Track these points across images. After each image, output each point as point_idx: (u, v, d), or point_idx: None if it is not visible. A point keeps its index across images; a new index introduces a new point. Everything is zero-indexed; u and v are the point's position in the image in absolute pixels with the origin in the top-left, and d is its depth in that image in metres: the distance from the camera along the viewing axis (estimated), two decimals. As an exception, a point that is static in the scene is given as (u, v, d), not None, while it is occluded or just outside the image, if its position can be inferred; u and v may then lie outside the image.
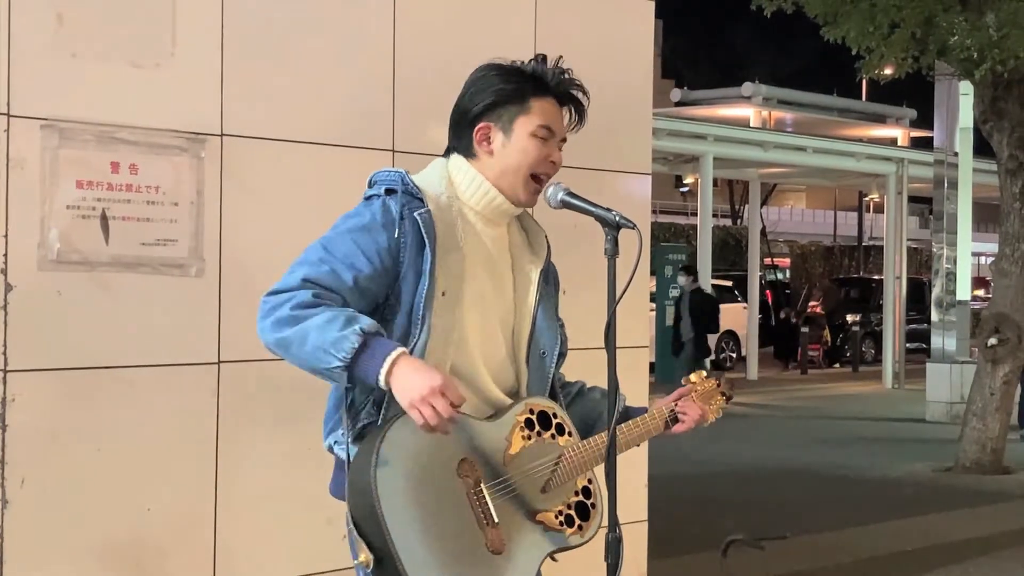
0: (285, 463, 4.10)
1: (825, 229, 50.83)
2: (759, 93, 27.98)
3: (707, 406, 3.07)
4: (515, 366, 2.89)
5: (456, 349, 2.75)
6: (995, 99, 11.40)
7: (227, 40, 4.03)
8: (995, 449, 11.18)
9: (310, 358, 2.58)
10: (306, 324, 2.57)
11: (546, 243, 2.97)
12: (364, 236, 2.69)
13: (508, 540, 2.66)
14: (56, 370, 3.69)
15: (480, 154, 2.82)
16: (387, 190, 2.74)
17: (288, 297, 2.62)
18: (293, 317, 2.59)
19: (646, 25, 5.32)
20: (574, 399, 3.05)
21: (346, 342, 2.54)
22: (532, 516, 2.73)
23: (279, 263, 4.14)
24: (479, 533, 2.63)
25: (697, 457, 11.18)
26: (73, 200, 3.70)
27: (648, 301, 6.35)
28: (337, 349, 2.54)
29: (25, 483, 3.62)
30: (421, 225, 2.70)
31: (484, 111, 2.80)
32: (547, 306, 2.93)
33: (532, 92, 2.81)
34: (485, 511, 2.64)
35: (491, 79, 2.82)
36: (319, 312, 2.59)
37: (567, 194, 2.82)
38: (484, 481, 2.65)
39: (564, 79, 2.85)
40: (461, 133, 2.84)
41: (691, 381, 3.11)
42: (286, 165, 4.19)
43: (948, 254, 16.43)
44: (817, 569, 7.19)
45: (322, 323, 2.57)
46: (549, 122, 2.82)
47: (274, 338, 2.61)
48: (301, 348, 2.58)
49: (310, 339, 2.56)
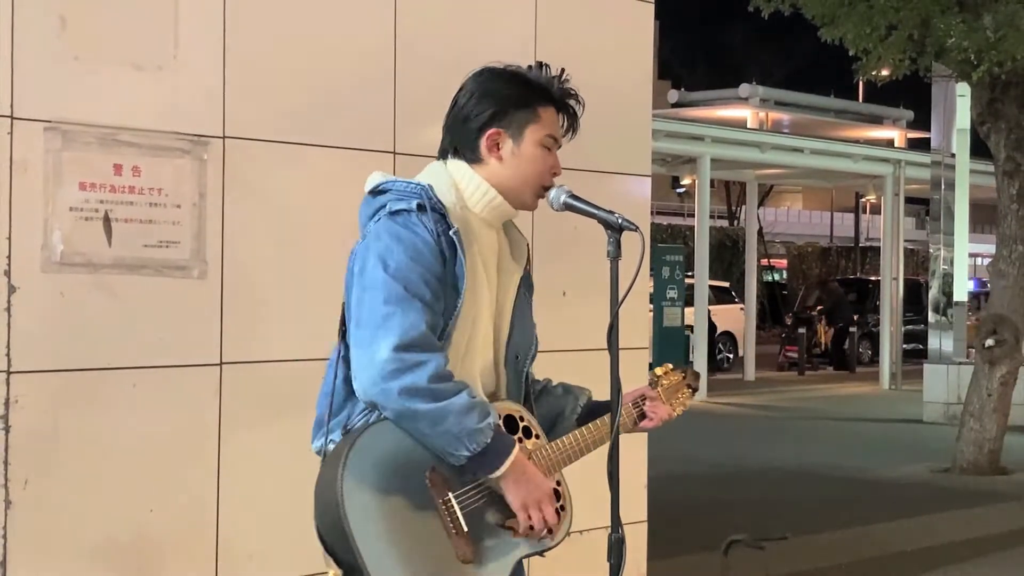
0: (286, 464, 4.10)
1: (822, 230, 50.86)
2: (756, 94, 28.00)
3: (673, 400, 3.09)
4: (496, 369, 2.88)
5: (463, 358, 2.76)
6: (992, 101, 11.41)
7: (229, 43, 4.04)
8: (992, 450, 11.19)
9: (438, 438, 2.58)
10: (446, 405, 2.56)
11: (527, 252, 2.95)
12: (425, 262, 2.65)
13: (478, 548, 2.65)
14: (59, 371, 3.70)
15: (489, 160, 2.81)
16: (419, 206, 2.70)
17: (419, 361, 2.56)
18: (431, 391, 2.56)
19: (645, 26, 5.33)
20: (539, 396, 3.03)
21: (481, 436, 2.59)
22: (502, 522, 2.71)
23: (281, 265, 4.18)
24: (448, 543, 2.62)
25: (696, 458, 11.19)
26: (76, 202, 3.71)
27: (647, 303, 6.36)
28: (471, 441, 2.58)
29: (28, 484, 3.63)
30: (458, 244, 2.69)
31: (492, 118, 2.79)
32: (523, 310, 2.92)
33: (537, 100, 2.81)
34: (454, 520, 2.63)
35: (497, 84, 2.81)
36: (455, 392, 2.58)
37: (570, 196, 2.83)
38: (452, 490, 2.64)
39: (565, 88, 2.86)
40: (464, 138, 2.82)
41: (656, 375, 3.11)
42: (288, 167, 4.20)
43: (945, 255, 16.44)
44: (816, 569, 7.20)
45: (461, 409, 2.57)
46: (554, 131, 2.84)
47: (403, 407, 2.56)
48: (434, 427, 2.57)
49: (447, 423, 2.56)
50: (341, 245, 3.00)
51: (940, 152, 16.63)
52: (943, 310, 16.41)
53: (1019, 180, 11.40)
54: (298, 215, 4.22)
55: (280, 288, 4.17)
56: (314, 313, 3.97)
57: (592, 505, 3.17)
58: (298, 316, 4.15)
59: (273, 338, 4.16)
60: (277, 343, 4.16)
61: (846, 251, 42.82)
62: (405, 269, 2.62)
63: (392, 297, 2.59)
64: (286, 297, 4.17)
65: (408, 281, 2.61)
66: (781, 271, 38.18)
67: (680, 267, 20.79)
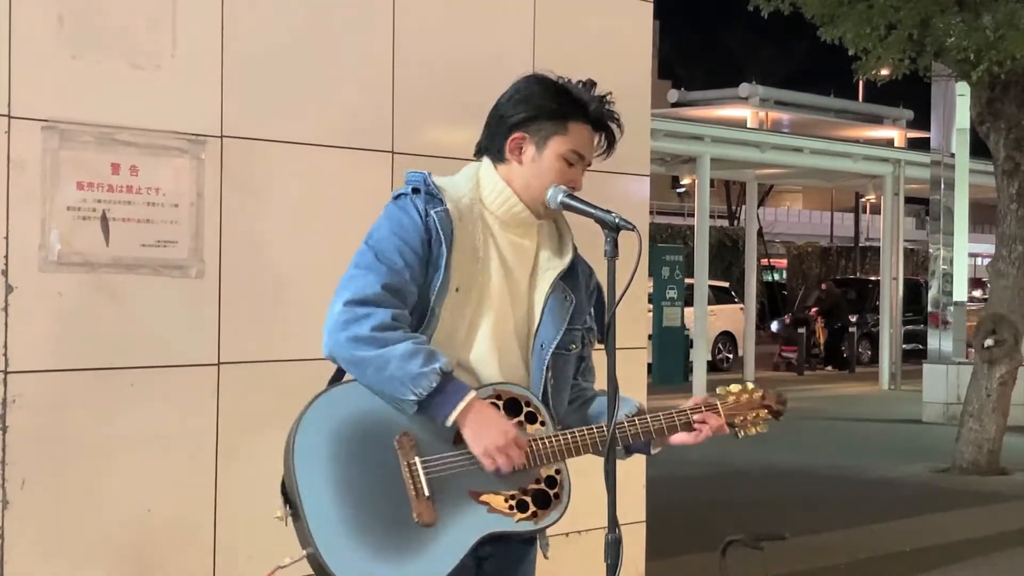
0: (285, 464, 4.10)
1: (822, 230, 50.86)
2: (756, 94, 27.99)
3: (738, 419, 2.96)
4: (526, 362, 2.89)
5: (463, 346, 2.79)
6: (992, 100, 11.40)
7: (227, 42, 4.04)
8: (992, 450, 11.18)
9: (385, 385, 2.66)
10: (387, 352, 2.65)
11: (572, 247, 2.97)
12: (407, 236, 2.76)
13: (442, 514, 2.68)
14: (57, 371, 3.70)
15: (511, 161, 2.87)
16: (413, 189, 2.82)
17: (366, 313, 2.68)
18: (373, 339, 2.66)
19: (644, 26, 5.33)
20: (586, 402, 3.03)
21: (425, 380, 2.65)
22: (476, 496, 2.73)
23: (279, 264, 4.18)
24: (407, 504, 2.66)
25: (695, 458, 11.15)
26: (74, 201, 3.71)
27: (646, 302, 6.36)
28: (415, 385, 2.64)
29: (26, 484, 3.63)
30: (438, 222, 2.77)
31: (522, 122, 2.85)
32: (559, 305, 2.91)
33: (572, 115, 2.86)
34: (416, 483, 2.67)
35: (536, 92, 2.87)
36: (399, 340, 2.67)
37: (567, 195, 2.84)
38: (421, 455, 2.69)
39: (605, 110, 2.91)
40: (495, 136, 2.89)
41: (726, 390, 2.99)
42: (286, 166, 4.20)
43: (945, 255, 16.44)
44: (815, 569, 7.20)
45: (404, 354, 2.65)
46: (581, 148, 2.87)
47: (350, 355, 2.68)
48: (379, 373, 2.66)
49: (390, 368, 2.65)
50: (339, 243, 3.01)
51: (940, 152, 16.63)
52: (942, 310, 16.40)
53: (1019, 180, 11.39)
54: (296, 214, 4.22)
55: (278, 288, 4.17)
56: (313, 313, 3.96)
57: (592, 505, 3.17)
58: (297, 316, 4.15)
59: (271, 338, 4.16)
60: (275, 343, 4.16)
61: (846, 251, 42.80)
62: (383, 240, 2.76)
63: (363, 262, 2.75)
64: (284, 296, 4.17)
65: (380, 250, 2.75)
66: (781, 271, 38.16)
67: (680, 267, 20.81)
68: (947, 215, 16.38)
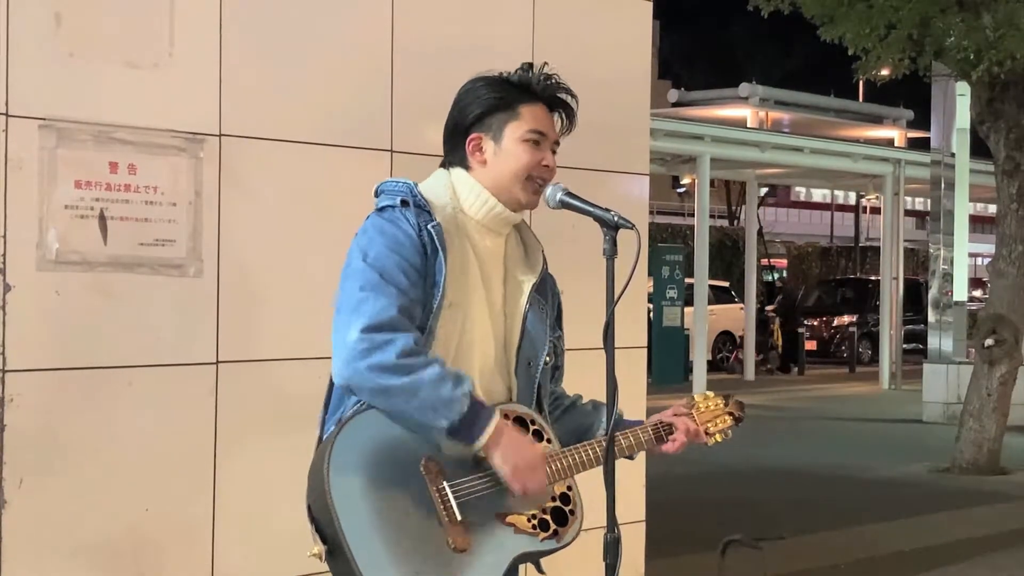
0: (283, 463, 4.09)
1: (822, 230, 50.87)
2: (756, 94, 28.00)
3: (709, 425, 3.09)
4: (505, 377, 2.88)
5: (455, 363, 2.75)
6: (992, 100, 11.40)
7: (225, 40, 4.03)
8: (992, 450, 11.19)
9: (416, 412, 2.61)
10: (416, 379, 2.59)
11: (542, 259, 2.97)
12: (405, 253, 2.70)
13: (474, 539, 2.66)
14: (55, 370, 3.69)
15: (474, 165, 2.85)
16: (402, 201, 2.76)
17: (387, 340, 2.60)
18: (399, 366, 2.59)
19: (644, 25, 5.32)
20: (567, 410, 3.06)
21: (456, 405, 2.61)
22: (502, 518, 2.72)
23: (277, 263, 4.17)
24: (440, 530, 2.63)
25: (694, 458, 11.14)
26: (71, 200, 3.70)
27: (646, 302, 6.36)
28: (448, 410, 2.60)
29: (23, 483, 3.62)
30: (435, 237, 2.72)
31: (474, 122, 2.83)
32: (537, 318, 2.92)
33: (520, 99, 2.83)
34: (448, 509, 2.63)
35: (479, 91, 2.85)
36: (425, 365, 2.61)
37: (566, 194, 2.83)
38: (449, 479, 2.65)
39: (550, 84, 2.87)
40: (455, 145, 2.87)
41: (693, 399, 3.11)
42: (284, 165, 4.19)
43: (945, 255, 16.44)
44: (814, 569, 7.20)
45: (432, 379, 2.60)
46: (539, 126, 2.84)
47: (375, 384, 2.60)
48: (408, 401, 2.60)
49: (421, 395, 2.59)
50: (338, 243, 2.99)
51: (940, 152, 16.63)
52: (943, 309, 16.39)
53: (1019, 180, 11.39)
54: (295, 213, 4.21)
55: (276, 287, 4.16)
56: (311, 312, 3.96)
57: (592, 504, 3.16)
58: (295, 315, 4.14)
59: (269, 337, 4.15)
60: (273, 342, 4.15)
61: (846, 251, 42.81)
62: (383, 258, 2.68)
63: (368, 284, 2.65)
64: (282, 296, 4.16)
65: (384, 269, 2.67)
66: (781, 271, 38.15)
67: (680, 267, 20.81)
68: (947, 215, 16.38)
